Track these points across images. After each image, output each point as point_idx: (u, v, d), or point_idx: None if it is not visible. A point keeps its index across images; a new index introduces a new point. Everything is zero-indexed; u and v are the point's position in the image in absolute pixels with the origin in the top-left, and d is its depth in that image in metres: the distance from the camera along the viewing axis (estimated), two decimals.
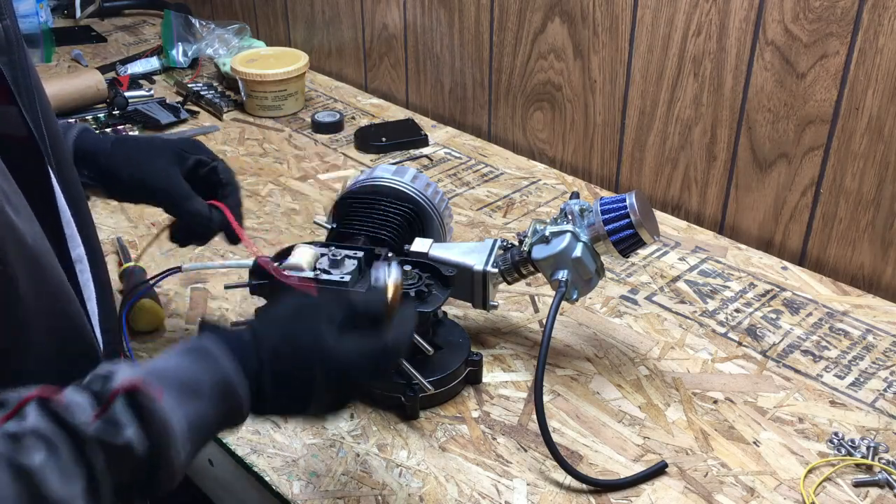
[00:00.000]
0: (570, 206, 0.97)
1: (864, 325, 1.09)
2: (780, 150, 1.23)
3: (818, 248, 1.24)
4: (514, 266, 0.99)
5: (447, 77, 1.66)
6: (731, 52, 1.23)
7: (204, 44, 1.87)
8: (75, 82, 1.64)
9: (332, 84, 1.85)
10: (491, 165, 1.50)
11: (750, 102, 1.24)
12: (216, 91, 1.75)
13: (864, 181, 1.16)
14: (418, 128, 1.61)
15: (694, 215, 1.37)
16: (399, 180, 1.08)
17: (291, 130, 1.63)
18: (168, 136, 0.98)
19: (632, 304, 1.14)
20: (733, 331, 1.09)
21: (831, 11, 1.11)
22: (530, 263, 0.98)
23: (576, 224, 0.95)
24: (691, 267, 1.22)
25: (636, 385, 1.00)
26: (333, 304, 0.69)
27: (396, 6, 1.69)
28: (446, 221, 1.11)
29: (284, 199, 1.39)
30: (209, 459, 0.98)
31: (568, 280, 0.94)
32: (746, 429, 0.93)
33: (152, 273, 1.17)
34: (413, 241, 1.02)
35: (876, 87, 1.11)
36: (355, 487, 0.86)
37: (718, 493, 0.86)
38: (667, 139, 1.36)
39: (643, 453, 0.90)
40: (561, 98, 1.48)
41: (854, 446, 0.90)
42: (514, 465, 0.89)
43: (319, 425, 0.94)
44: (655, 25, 1.30)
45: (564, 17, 1.41)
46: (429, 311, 0.92)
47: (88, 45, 2.04)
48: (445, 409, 0.96)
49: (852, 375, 1.01)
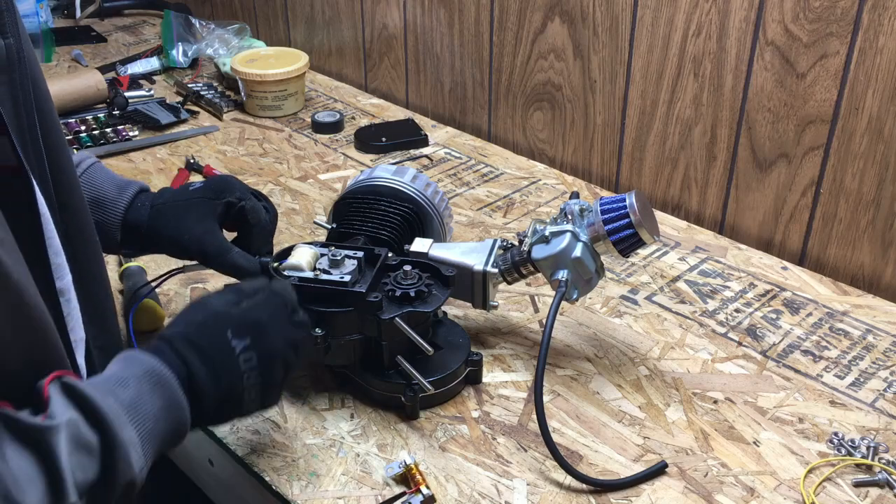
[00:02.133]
0: (569, 206, 0.97)
1: (864, 325, 1.09)
2: (780, 150, 1.23)
3: (818, 248, 1.24)
4: (514, 266, 0.99)
5: (447, 77, 1.66)
6: (731, 52, 1.23)
7: (204, 44, 1.87)
8: (75, 82, 1.64)
9: (332, 84, 1.85)
10: (491, 165, 1.50)
11: (750, 102, 1.24)
12: (216, 91, 1.75)
13: (864, 181, 1.16)
14: (418, 128, 1.61)
15: (694, 215, 1.37)
16: (399, 180, 1.08)
17: (291, 130, 1.63)
18: (204, 183, 0.98)
19: (632, 304, 1.14)
20: (733, 331, 1.09)
21: (831, 11, 1.11)
22: (530, 263, 0.98)
23: (575, 224, 0.95)
24: (691, 267, 1.22)
25: (636, 385, 1.00)
26: (224, 291, 0.78)
27: (396, 6, 1.69)
28: (446, 221, 1.11)
29: (284, 199, 1.39)
30: (209, 459, 0.98)
31: (568, 280, 0.94)
32: (746, 429, 0.93)
33: (152, 273, 1.17)
34: (413, 241, 1.02)
35: (876, 87, 1.11)
36: (355, 487, 0.86)
37: (718, 493, 0.86)
38: (667, 139, 1.36)
39: (643, 453, 0.90)
40: (561, 98, 1.48)
41: (854, 446, 0.90)
42: (514, 465, 0.89)
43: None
44: (655, 25, 1.30)
45: (564, 17, 1.41)
46: (429, 311, 0.92)
47: (88, 45, 2.04)
48: (445, 409, 0.96)
49: (852, 375, 1.01)
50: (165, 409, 0.67)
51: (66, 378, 0.62)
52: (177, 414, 0.68)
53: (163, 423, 0.66)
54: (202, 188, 0.96)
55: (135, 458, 0.62)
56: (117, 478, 0.61)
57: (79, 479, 0.58)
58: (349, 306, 0.90)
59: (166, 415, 0.67)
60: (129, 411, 0.63)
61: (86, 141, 1.53)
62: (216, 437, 0.93)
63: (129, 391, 0.65)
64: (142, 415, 0.65)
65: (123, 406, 0.63)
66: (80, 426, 0.59)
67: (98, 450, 0.60)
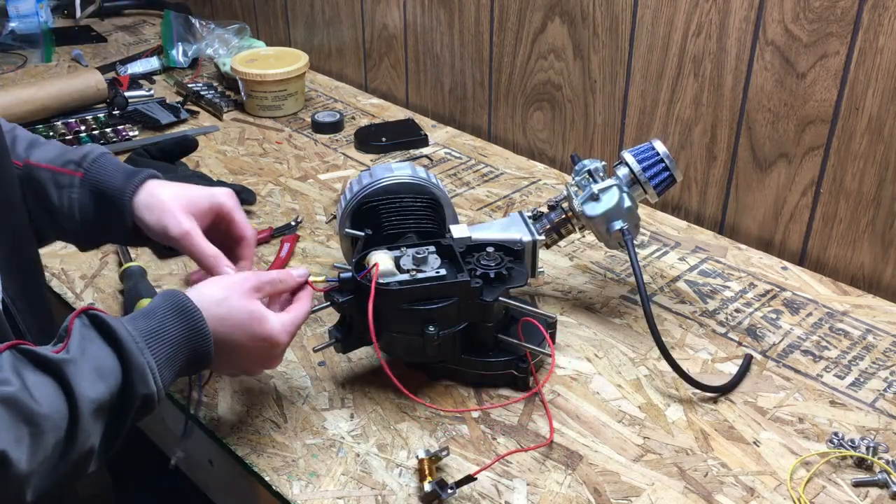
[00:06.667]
0: (590, 165, 1.06)
1: (864, 325, 1.09)
2: (780, 150, 1.23)
3: (818, 248, 1.24)
4: (553, 229, 1.09)
5: (447, 77, 1.66)
6: (731, 52, 1.23)
7: (204, 44, 1.87)
8: (75, 82, 1.64)
9: (332, 84, 1.85)
10: (491, 165, 1.50)
11: (750, 102, 1.24)
12: (216, 91, 1.75)
13: (864, 181, 1.16)
14: (418, 128, 1.61)
15: (694, 215, 1.37)
16: (411, 174, 1.10)
17: (291, 130, 1.63)
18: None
19: (632, 304, 1.14)
20: (733, 331, 1.09)
21: (831, 11, 1.11)
22: (573, 223, 1.08)
23: (602, 178, 1.05)
24: (691, 267, 1.22)
25: (636, 385, 1.00)
26: None
27: (396, 6, 1.69)
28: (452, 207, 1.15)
29: (284, 199, 1.39)
30: (209, 460, 0.98)
31: (626, 228, 1.02)
32: (746, 429, 0.93)
33: (152, 273, 1.17)
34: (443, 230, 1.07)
35: (876, 87, 1.11)
36: (355, 487, 0.86)
37: (718, 493, 0.86)
38: (667, 139, 1.35)
39: (643, 453, 0.90)
40: (561, 98, 1.48)
41: (854, 446, 0.90)
42: (514, 465, 0.89)
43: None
44: (655, 25, 1.30)
45: (564, 17, 1.41)
46: (522, 284, 0.96)
47: (88, 45, 2.04)
48: (445, 409, 0.96)
49: (852, 375, 1.01)
50: (187, 337, 0.76)
51: (91, 311, 0.72)
52: (199, 343, 0.77)
53: (185, 349, 0.76)
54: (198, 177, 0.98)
55: (150, 380, 0.72)
56: (134, 397, 0.71)
57: (95, 396, 0.67)
58: (453, 297, 0.92)
59: (188, 342, 0.76)
60: (150, 338, 0.73)
61: (86, 141, 1.53)
62: (216, 437, 0.93)
63: (152, 321, 0.75)
64: (162, 341, 0.74)
65: (143, 333, 0.73)
66: (103, 354, 0.70)
67: (119, 373, 0.70)
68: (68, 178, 0.89)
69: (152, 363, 0.72)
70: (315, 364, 1.02)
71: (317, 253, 1.25)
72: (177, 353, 0.75)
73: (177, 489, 1.16)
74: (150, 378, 0.72)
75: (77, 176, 0.89)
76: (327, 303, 0.93)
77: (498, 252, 0.98)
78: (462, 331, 0.94)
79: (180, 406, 0.96)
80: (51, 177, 0.89)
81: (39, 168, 0.89)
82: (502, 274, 0.96)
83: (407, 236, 1.03)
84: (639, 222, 1.06)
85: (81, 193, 0.89)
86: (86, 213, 0.90)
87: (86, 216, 0.90)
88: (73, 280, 1.18)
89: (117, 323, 0.72)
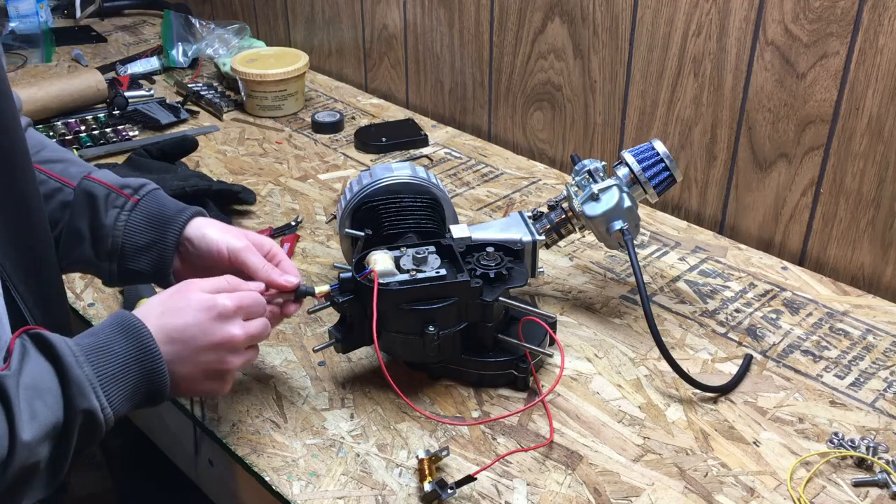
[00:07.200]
0: (590, 165, 1.06)
1: (864, 325, 1.09)
2: (780, 150, 1.23)
3: (818, 248, 1.24)
4: (553, 229, 1.09)
5: (447, 77, 1.66)
6: (731, 52, 1.23)
7: (204, 44, 1.87)
8: (75, 82, 1.64)
9: (332, 84, 1.85)
10: (491, 165, 1.50)
11: (750, 102, 1.24)
12: (216, 91, 1.75)
13: (864, 181, 1.16)
14: (418, 128, 1.61)
15: (694, 215, 1.37)
16: (411, 174, 1.10)
17: (291, 130, 1.63)
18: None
19: (632, 304, 1.14)
20: (733, 331, 1.09)
21: (831, 11, 1.11)
22: (573, 223, 1.08)
23: (602, 178, 1.05)
24: (691, 267, 1.22)
25: (636, 385, 1.00)
26: None
27: (396, 6, 1.69)
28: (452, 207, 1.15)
29: (284, 199, 1.39)
30: (209, 459, 0.98)
31: (626, 228, 1.03)
32: (746, 429, 0.93)
33: None
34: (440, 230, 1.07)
35: (876, 87, 1.11)
36: (355, 487, 0.86)
37: (718, 493, 0.86)
38: (667, 139, 1.36)
39: (643, 453, 0.90)
40: (561, 98, 1.48)
41: (854, 446, 0.90)
42: (514, 465, 0.89)
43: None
44: (655, 25, 1.30)
45: (564, 17, 1.41)
46: (522, 284, 0.96)
47: (88, 45, 2.04)
48: (445, 409, 0.96)
49: (852, 375, 1.01)
50: (136, 356, 0.73)
51: (32, 330, 0.70)
52: (149, 364, 0.74)
53: (135, 369, 0.73)
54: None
55: (91, 394, 0.69)
56: (74, 412, 0.68)
57: (37, 417, 0.65)
58: (452, 297, 0.92)
59: (137, 361, 0.73)
60: (90, 353, 0.71)
61: (86, 141, 1.53)
62: (216, 437, 0.93)
63: (96, 337, 0.73)
64: (105, 356, 0.71)
65: (84, 348, 0.71)
66: (40, 370, 0.68)
67: (56, 388, 0.68)
68: (123, 199, 0.90)
69: (92, 377, 0.70)
70: (315, 364, 1.02)
71: (317, 253, 1.25)
72: (125, 371, 0.73)
73: (177, 489, 1.16)
74: (89, 392, 0.69)
75: (132, 200, 0.91)
76: (327, 303, 0.93)
77: (498, 252, 0.98)
78: (462, 331, 0.94)
79: (186, 412, 0.96)
80: (106, 193, 0.90)
81: (98, 183, 0.90)
82: (502, 274, 0.96)
83: (407, 236, 1.03)
84: (639, 222, 1.06)
85: (133, 216, 0.90)
86: (131, 234, 0.90)
87: (129, 238, 0.90)
88: (73, 280, 1.18)
89: (57, 339, 0.70)
